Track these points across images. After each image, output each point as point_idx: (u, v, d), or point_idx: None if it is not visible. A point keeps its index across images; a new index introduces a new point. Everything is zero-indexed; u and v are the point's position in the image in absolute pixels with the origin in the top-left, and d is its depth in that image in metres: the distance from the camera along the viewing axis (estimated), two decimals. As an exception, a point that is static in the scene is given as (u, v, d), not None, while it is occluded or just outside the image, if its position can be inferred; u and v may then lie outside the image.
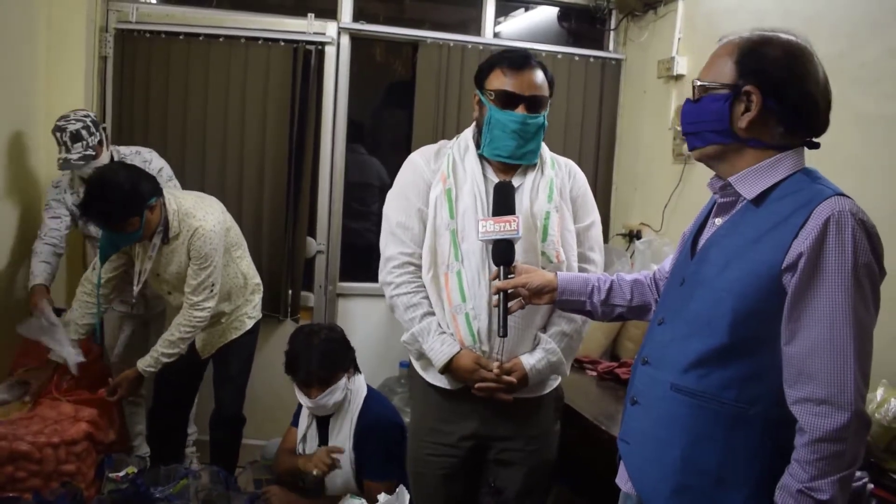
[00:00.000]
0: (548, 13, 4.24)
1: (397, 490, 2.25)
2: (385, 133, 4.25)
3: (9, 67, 3.03)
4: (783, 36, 1.40)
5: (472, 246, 1.94)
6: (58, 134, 2.88)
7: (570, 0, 4.07)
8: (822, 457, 1.26)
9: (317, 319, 3.83)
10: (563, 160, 2.14)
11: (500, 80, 1.96)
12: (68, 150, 2.88)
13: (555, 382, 2.13)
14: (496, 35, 4.05)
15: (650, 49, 3.73)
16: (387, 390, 3.77)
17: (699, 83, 1.44)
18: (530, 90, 1.95)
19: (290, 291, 3.70)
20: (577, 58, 3.96)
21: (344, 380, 2.56)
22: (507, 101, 1.94)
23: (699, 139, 1.46)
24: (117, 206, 2.60)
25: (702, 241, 1.52)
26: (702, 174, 3.25)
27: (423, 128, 3.76)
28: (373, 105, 4.25)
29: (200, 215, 2.83)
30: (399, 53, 4.05)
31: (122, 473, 2.75)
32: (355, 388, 2.65)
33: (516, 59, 1.97)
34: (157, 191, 2.75)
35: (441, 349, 1.97)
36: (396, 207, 2.08)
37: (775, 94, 1.35)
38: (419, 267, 2.03)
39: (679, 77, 3.48)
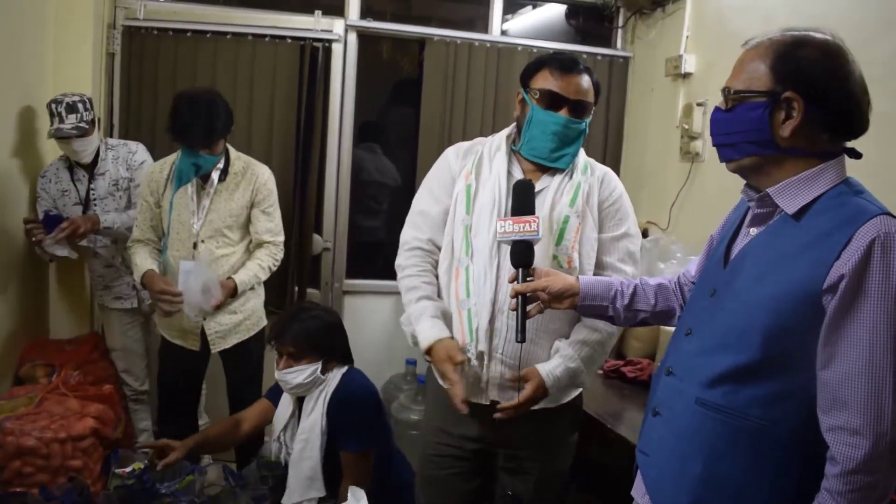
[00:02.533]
0: (555, 11, 4.22)
1: (353, 492, 2.10)
2: (393, 131, 4.25)
3: (17, 64, 3.04)
4: (818, 36, 1.34)
5: (483, 242, 1.92)
6: (53, 105, 2.95)
7: (578, -1, 4.06)
8: (854, 489, 1.22)
9: (323, 316, 3.82)
10: (599, 167, 2.08)
11: (546, 81, 1.93)
12: (62, 121, 2.95)
13: (573, 393, 2.07)
14: (503, 33, 4.04)
15: (658, 47, 3.72)
16: (392, 387, 3.78)
17: (734, 91, 1.37)
18: (576, 94, 1.92)
19: (296, 288, 3.70)
20: (584, 55, 3.92)
21: (316, 365, 2.42)
22: (551, 101, 1.92)
23: (735, 151, 1.39)
24: (209, 119, 2.72)
25: (735, 251, 1.46)
26: (709, 173, 3.25)
27: (429, 125, 3.75)
28: (382, 103, 4.25)
29: (256, 162, 3.03)
30: (406, 51, 4.04)
31: (128, 469, 2.75)
32: (330, 377, 2.49)
33: (565, 62, 1.95)
34: (232, 117, 2.90)
35: (428, 332, 1.94)
36: (420, 196, 2.12)
37: (818, 98, 1.29)
38: (429, 252, 2.04)
39: (687, 75, 3.46)
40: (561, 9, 4.19)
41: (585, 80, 1.95)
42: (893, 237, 1.22)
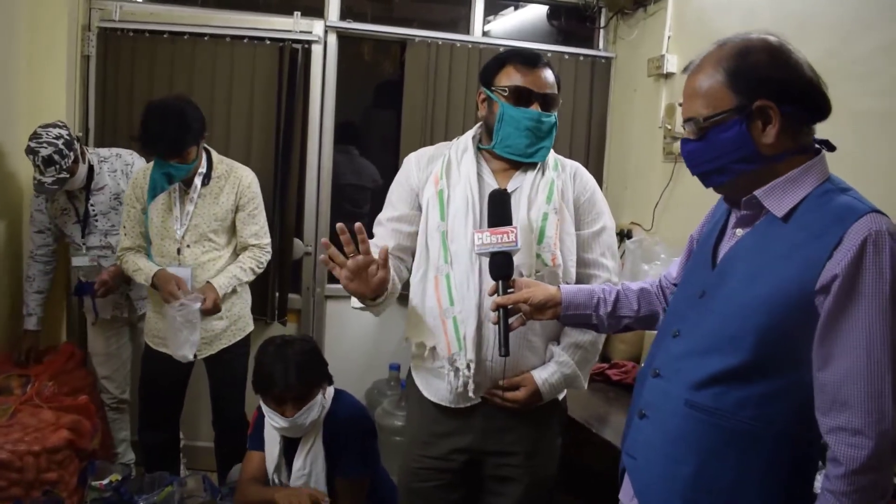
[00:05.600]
0: (537, 12, 4.20)
1: None
2: (375, 133, 4.21)
3: (-13, 68, 2.98)
4: (754, 38, 1.33)
5: (461, 248, 1.89)
6: (31, 156, 2.83)
7: (560, -1, 4.03)
8: (858, 488, 1.20)
9: (304, 322, 3.79)
10: (569, 163, 2.07)
11: (512, 77, 1.91)
12: (42, 174, 2.84)
13: (561, 394, 2.05)
14: (485, 34, 4.01)
15: (640, 47, 3.70)
16: (376, 393, 3.75)
17: (703, 118, 1.33)
18: (544, 88, 1.91)
19: (277, 294, 3.65)
20: (566, 56, 3.92)
21: (320, 395, 2.37)
22: (521, 97, 1.90)
23: (724, 174, 1.36)
24: (179, 129, 2.69)
25: (722, 252, 1.44)
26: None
27: (411, 128, 3.71)
28: (363, 105, 4.21)
29: (239, 165, 3.03)
30: (388, 52, 4.01)
31: (105, 481, 2.71)
32: (327, 401, 2.44)
33: (529, 57, 1.94)
34: (205, 124, 2.86)
35: None
36: (384, 206, 2.08)
37: (787, 96, 1.28)
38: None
39: (669, 75, 3.45)
40: (543, 10, 4.16)
41: (550, 74, 1.95)
42: (885, 235, 1.20)
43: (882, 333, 1.20)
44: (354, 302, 1.89)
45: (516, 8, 4.29)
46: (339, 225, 1.69)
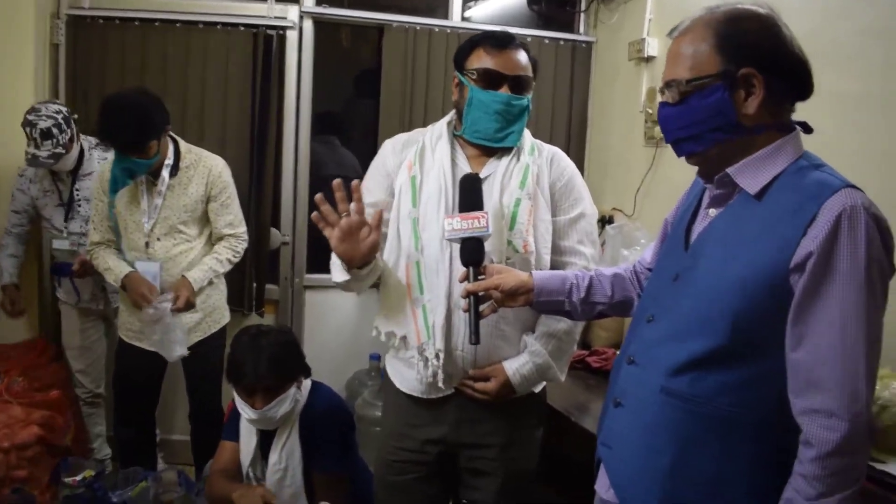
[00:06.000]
0: (521, -1, 4.15)
1: None
2: (357, 123, 4.14)
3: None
4: (748, 6, 1.30)
5: (432, 235, 1.84)
6: (28, 129, 2.86)
7: (539, -18, 3.97)
8: (831, 472, 1.16)
9: (282, 312, 3.73)
10: (546, 147, 2.01)
11: (481, 59, 1.86)
12: (37, 147, 2.85)
13: (538, 386, 2.00)
14: (465, 19, 3.95)
15: (621, 31, 3.65)
16: (356, 383, 3.71)
17: (685, 81, 1.29)
18: (514, 70, 1.85)
19: (254, 284, 3.59)
20: (546, 41, 3.86)
21: (293, 389, 2.29)
22: (490, 80, 1.84)
23: (698, 142, 1.32)
24: (138, 124, 2.61)
25: (695, 233, 1.40)
26: (674, 158, 3.13)
27: (389, 115, 3.65)
28: (342, 93, 4.14)
29: (208, 153, 2.95)
30: (366, 39, 3.94)
31: (78, 478, 2.65)
32: (303, 395, 2.38)
33: (500, 38, 1.87)
34: (167, 117, 2.78)
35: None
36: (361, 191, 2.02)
37: (773, 68, 1.25)
38: None
39: (650, 59, 3.40)
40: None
41: (522, 55, 1.88)
42: (860, 210, 1.17)
43: (857, 311, 1.16)
44: (336, 275, 1.86)
45: (497, -8, 4.23)
46: (335, 182, 1.66)
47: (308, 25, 3.61)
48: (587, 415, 2.29)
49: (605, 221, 3.53)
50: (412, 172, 1.90)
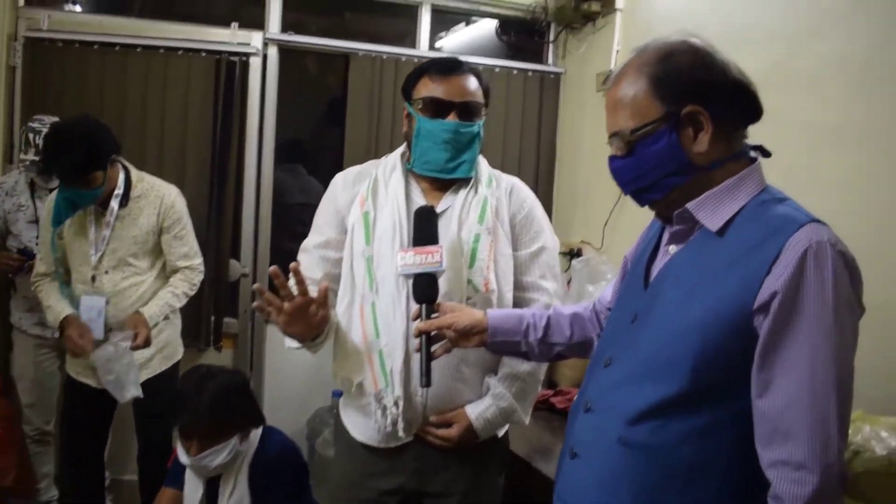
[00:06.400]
0: (488, 27, 4.13)
1: None
2: (322, 150, 4.07)
3: None
4: (674, 40, 1.24)
5: (387, 274, 1.74)
6: (31, 135, 2.87)
7: (507, 13, 3.95)
8: None
9: (242, 347, 3.62)
10: (505, 178, 1.93)
11: (427, 88, 1.77)
12: (38, 153, 2.82)
13: (501, 430, 1.91)
14: (433, 49, 3.91)
15: (589, 62, 3.64)
16: (318, 421, 3.58)
17: (630, 131, 1.23)
18: (462, 96, 1.76)
19: (212, 318, 3.47)
20: (515, 71, 3.84)
21: (234, 440, 2.14)
22: (436, 109, 1.76)
23: (656, 190, 1.25)
24: (82, 155, 2.50)
25: (655, 271, 1.33)
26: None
27: (354, 145, 3.58)
28: (308, 121, 4.08)
29: (161, 182, 2.85)
30: (333, 67, 3.88)
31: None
32: (248, 443, 2.23)
33: (445, 64, 1.80)
34: (116, 147, 2.67)
35: None
36: (311, 230, 1.93)
37: (716, 99, 1.18)
38: (311, 281, 1.84)
39: (618, 90, 3.37)
40: (493, 25, 4.09)
41: (471, 81, 1.80)
42: (826, 246, 1.09)
43: (826, 355, 1.08)
44: (289, 342, 1.74)
45: (468, 23, 4.22)
46: (272, 269, 1.56)
47: (273, 52, 3.55)
48: (550, 460, 2.18)
49: (572, 255, 3.47)
50: (365, 208, 1.81)
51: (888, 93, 2.03)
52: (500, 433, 1.91)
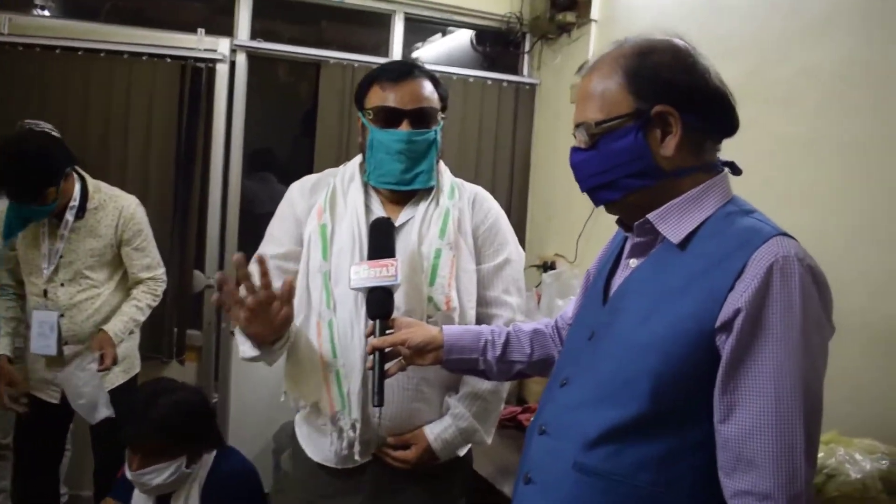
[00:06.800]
0: (464, 38, 4.08)
1: None
2: (292, 158, 4.00)
3: None
4: (658, 38, 1.18)
5: (346, 291, 1.65)
6: None
7: (482, 23, 3.90)
8: None
9: (206, 360, 3.52)
10: (469, 187, 1.86)
11: (378, 97, 1.69)
12: None
13: (462, 450, 1.83)
14: (406, 58, 3.85)
15: (564, 73, 3.59)
16: (284, 435, 3.47)
17: (595, 123, 1.16)
18: (413, 103, 1.67)
19: (175, 330, 3.37)
20: (489, 82, 3.79)
21: (180, 461, 2.05)
22: (387, 118, 1.67)
23: (614, 189, 1.18)
24: (34, 173, 2.40)
25: (614, 286, 1.26)
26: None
27: (325, 154, 3.50)
28: (278, 129, 4.00)
29: (120, 193, 2.75)
30: (304, 74, 3.81)
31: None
32: (198, 466, 2.14)
33: (396, 70, 1.71)
34: (70, 159, 2.56)
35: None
36: (264, 240, 1.83)
37: (690, 104, 1.12)
38: None
39: (592, 102, 3.32)
40: (470, 35, 4.04)
41: (425, 86, 1.71)
42: (793, 260, 1.02)
43: (792, 377, 1.01)
44: (244, 351, 1.63)
45: (444, 34, 4.17)
46: (236, 256, 1.44)
47: (241, 59, 3.48)
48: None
49: (546, 267, 3.40)
50: (322, 220, 1.72)
51: (861, 106, 1.99)
52: (463, 452, 1.83)
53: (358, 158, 1.82)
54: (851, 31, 2.04)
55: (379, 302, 1.50)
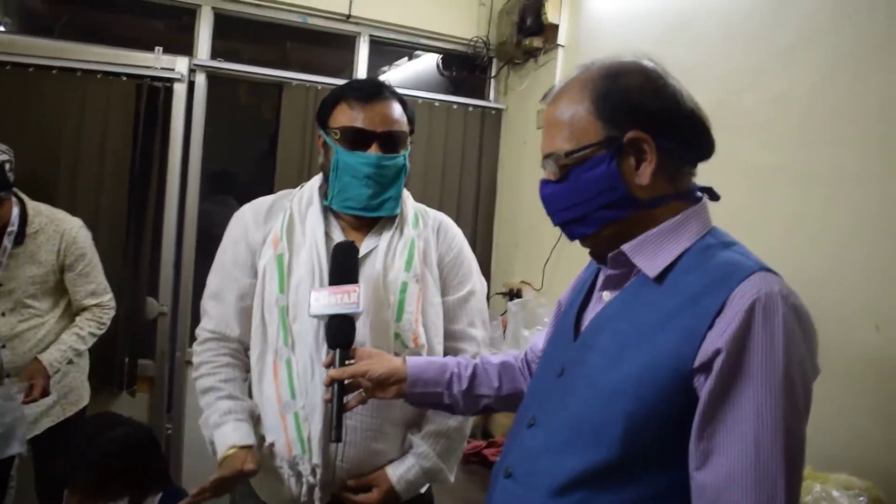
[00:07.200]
0: (431, 62, 4.04)
1: None
2: (255, 183, 3.89)
3: None
4: (626, 60, 1.12)
5: (305, 327, 1.55)
6: None
7: (449, 47, 3.86)
8: None
9: (158, 390, 3.36)
10: (432, 214, 1.78)
11: (346, 116, 1.60)
12: None
13: (422, 489, 1.73)
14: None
15: (530, 98, 3.55)
16: (240, 471, 3.34)
17: (565, 153, 1.09)
18: (384, 125, 1.59)
19: (126, 359, 3.22)
20: (455, 106, 3.74)
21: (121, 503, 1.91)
22: (356, 140, 1.58)
23: (588, 224, 1.11)
24: None
25: (586, 320, 1.19)
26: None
27: (286, 177, 3.40)
28: (240, 151, 3.91)
29: (62, 215, 2.60)
30: (266, 96, 3.72)
31: None
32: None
33: (365, 89, 1.62)
34: (6, 182, 2.42)
35: (228, 436, 1.54)
36: (214, 271, 1.72)
37: (664, 128, 1.06)
38: (227, 340, 1.66)
39: (559, 127, 3.29)
40: (436, 60, 4.00)
41: (395, 108, 1.64)
42: (776, 298, 0.96)
43: (774, 423, 0.93)
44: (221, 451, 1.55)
45: (410, 58, 4.12)
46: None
47: (201, 79, 3.38)
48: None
49: (512, 295, 3.33)
50: (279, 250, 1.62)
51: (830, 134, 1.96)
52: (423, 489, 1.73)
53: (316, 180, 1.73)
54: (819, 58, 2.02)
55: (339, 330, 1.42)
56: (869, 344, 1.77)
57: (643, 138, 1.05)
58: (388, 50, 3.96)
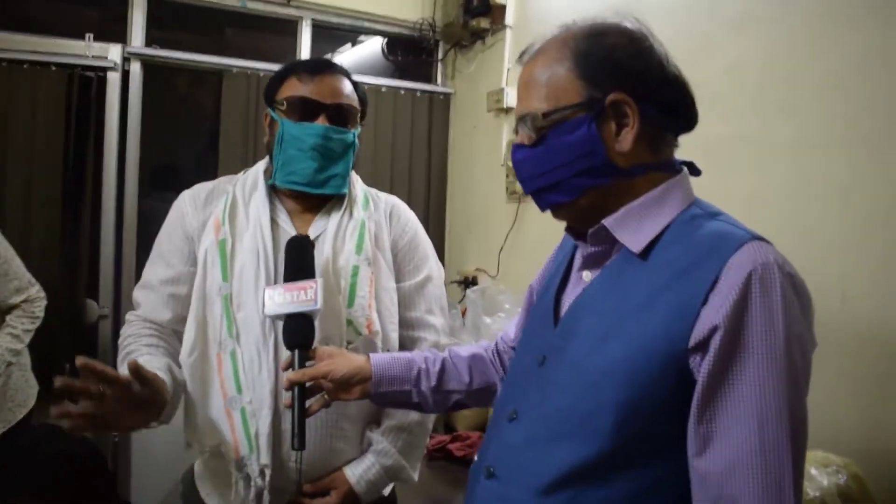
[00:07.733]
0: (376, 49, 3.94)
1: None
2: (200, 177, 3.73)
3: None
4: (609, 20, 1.06)
5: (251, 315, 1.46)
6: None
7: (393, 30, 3.77)
8: None
9: (102, 396, 3.20)
10: (384, 197, 1.70)
11: (294, 87, 1.52)
12: None
13: (387, 488, 1.64)
14: (315, 66, 3.67)
15: (479, 81, 3.49)
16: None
17: (542, 114, 1.03)
18: (333, 98, 1.52)
19: (66, 365, 3.06)
20: (402, 92, 3.65)
21: None
22: (304, 110, 1.51)
23: (564, 191, 1.05)
24: None
25: (566, 304, 1.12)
26: (537, 213, 2.97)
27: (229, 169, 3.22)
28: (184, 146, 3.75)
29: None
30: (207, 84, 3.58)
31: None
32: None
33: (315, 64, 1.56)
34: None
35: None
36: (149, 262, 1.62)
37: (647, 92, 1.01)
38: (155, 324, 1.55)
39: (510, 110, 3.23)
40: (381, 44, 3.90)
41: (345, 84, 1.57)
42: (773, 268, 0.90)
43: (777, 403, 0.88)
44: None
45: (354, 44, 4.02)
46: (80, 362, 1.19)
47: (136, 68, 3.22)
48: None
49: (467, 283, 3.28)
50: (220, 235, 1.52)
51: (789, 102, 1.95)
52: (387, 491, 1.65)
53: (262, 164, 1.63)
54: (771, 28, 2.01)
55: (297, 330, 1.33)
56: (836, 317, 1.76)
57: (626, 101, 1.00)
58: (331, 35, 3.85)
